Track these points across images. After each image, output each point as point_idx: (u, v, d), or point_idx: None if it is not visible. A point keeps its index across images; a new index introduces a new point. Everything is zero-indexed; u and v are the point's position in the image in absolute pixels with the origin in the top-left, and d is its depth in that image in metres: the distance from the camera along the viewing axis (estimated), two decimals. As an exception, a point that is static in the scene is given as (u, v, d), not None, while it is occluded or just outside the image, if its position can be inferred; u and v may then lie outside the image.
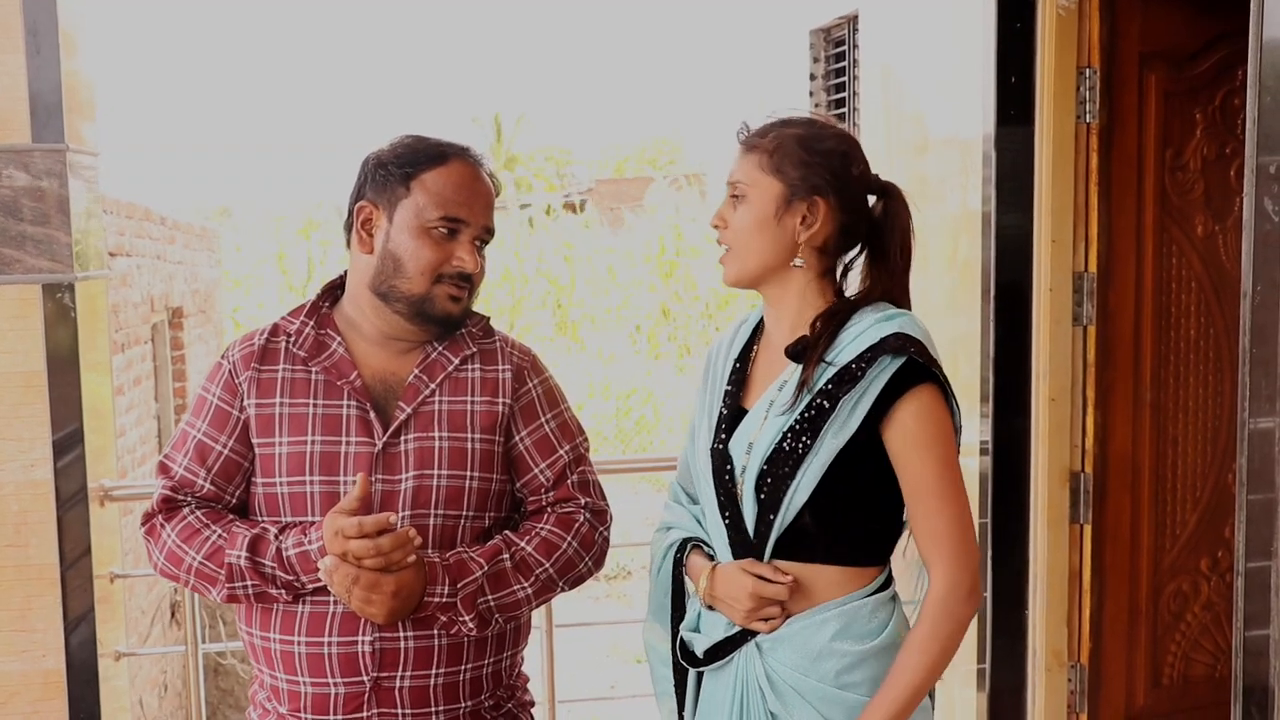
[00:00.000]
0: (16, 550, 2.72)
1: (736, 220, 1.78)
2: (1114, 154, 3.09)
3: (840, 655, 1.72)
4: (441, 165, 1.82)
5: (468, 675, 1.83)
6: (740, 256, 1.79)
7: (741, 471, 1.76)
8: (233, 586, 1.79)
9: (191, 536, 1.82)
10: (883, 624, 1.75)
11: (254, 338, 1.90)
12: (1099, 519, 3.17)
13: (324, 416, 1.82)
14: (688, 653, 1.85)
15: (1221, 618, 3.27)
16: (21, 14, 2.63)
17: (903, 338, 1.70)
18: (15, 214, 2.65)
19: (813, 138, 1.77)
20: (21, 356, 2.69)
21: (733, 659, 1.78)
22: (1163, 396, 3.19)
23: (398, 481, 1.80)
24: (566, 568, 1.86)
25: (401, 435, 1.81)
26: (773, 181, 1.75)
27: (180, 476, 1.87)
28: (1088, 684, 3.20)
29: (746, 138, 1.80)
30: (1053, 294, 3.09)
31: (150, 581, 5.80)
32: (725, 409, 1.83)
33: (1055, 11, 3.02)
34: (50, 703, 2.75)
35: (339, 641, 1.78)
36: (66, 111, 2.67)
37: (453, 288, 1.81)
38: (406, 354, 1.87)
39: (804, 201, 1.75)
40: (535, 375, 1.92)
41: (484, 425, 1.85)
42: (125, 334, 5.60)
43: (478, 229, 1.83)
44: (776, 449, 1.72)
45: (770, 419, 1.75)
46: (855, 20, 4.41)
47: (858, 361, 1.69)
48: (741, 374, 1.86)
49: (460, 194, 1.81)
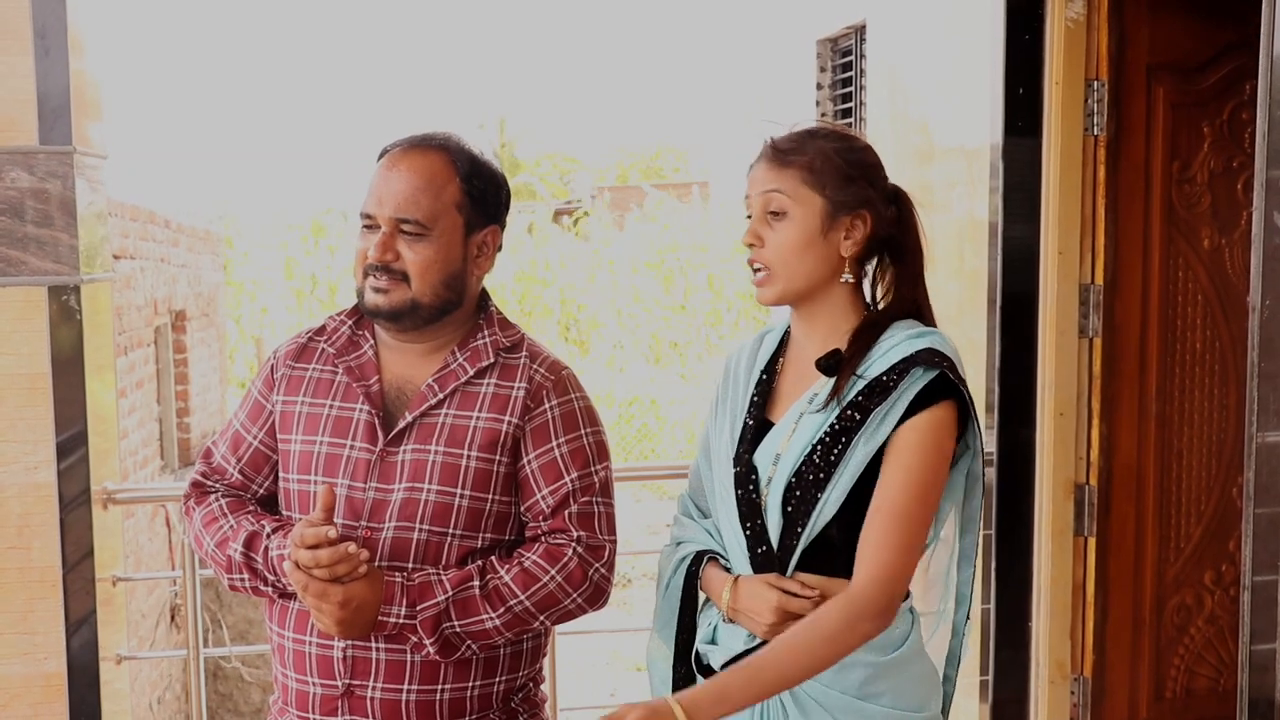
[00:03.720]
0: (19, 552, 2.72)
1: (777, 239, 1.73)
2: (1121, 166, 3.09)
3: (865, 666, 1.70)
4: (380, 159, 1.83)
5: (446, 696, 1.80)
6: (784, 277, 1.74)
7: (767, 483, 1.74)
8: (232, 578, 1.83)
9: (210, 523, 1.86)
10: (904, 635, 1.74)
11: (301, 335, 1.93)
12: (1103, 531, 3.16)
13: (336, 418, 1.82)
14: (702, 665, 1.81)
15: (1225, 631, 3.26)
16: (30, 15, 2.63)
17: (935, 353, 1.69)
18: (20, 216, 2.65)
19: (849, 150, 1.75)
20: (26, 358, 2.68)
21: None
22: (1168, 409, 3.19)
23: (390, 491, 1.78)
24: (547, 602, 1.78)
25: (401, 444, 1.80)
26: (816, 197, 1.72)
27: (216, 463, 1.93)
28: (1090, 696, 3.20)
29: (777, 151, 1.75)
30: (1059, 305, 3.09)
31: (151, 585, 5.79)
32: (750, 420, 1.81)
33: (1064, 23, 3.02)
34: (51, 706, 2.74)
35: (318, 642, 1.79)
36: (74, 113, 2.67)
37: (372, 279, 1.79)
38: (425, 360, 1.85)
39: (848, 216, 1.73)
40: (556, 396, 1.84)
41: (484, 443, 1.79)
42: (128, 337, 5.60)
43: (387, 221, 1.78)
44: (806, 461, 1.71)
45: (799, 431, 1.73)
46: (862, 30, 4.42)
47: (889, 374, 1.68)
48: (767, 386, 1.83)
49: (374, 187, 1.80)
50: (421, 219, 1.77)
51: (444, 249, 1.79)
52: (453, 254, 1.81)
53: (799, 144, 1.74)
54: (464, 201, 1.81)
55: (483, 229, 1.85)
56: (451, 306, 1.82)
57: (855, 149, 1.76)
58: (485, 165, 1.84)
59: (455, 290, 1.82)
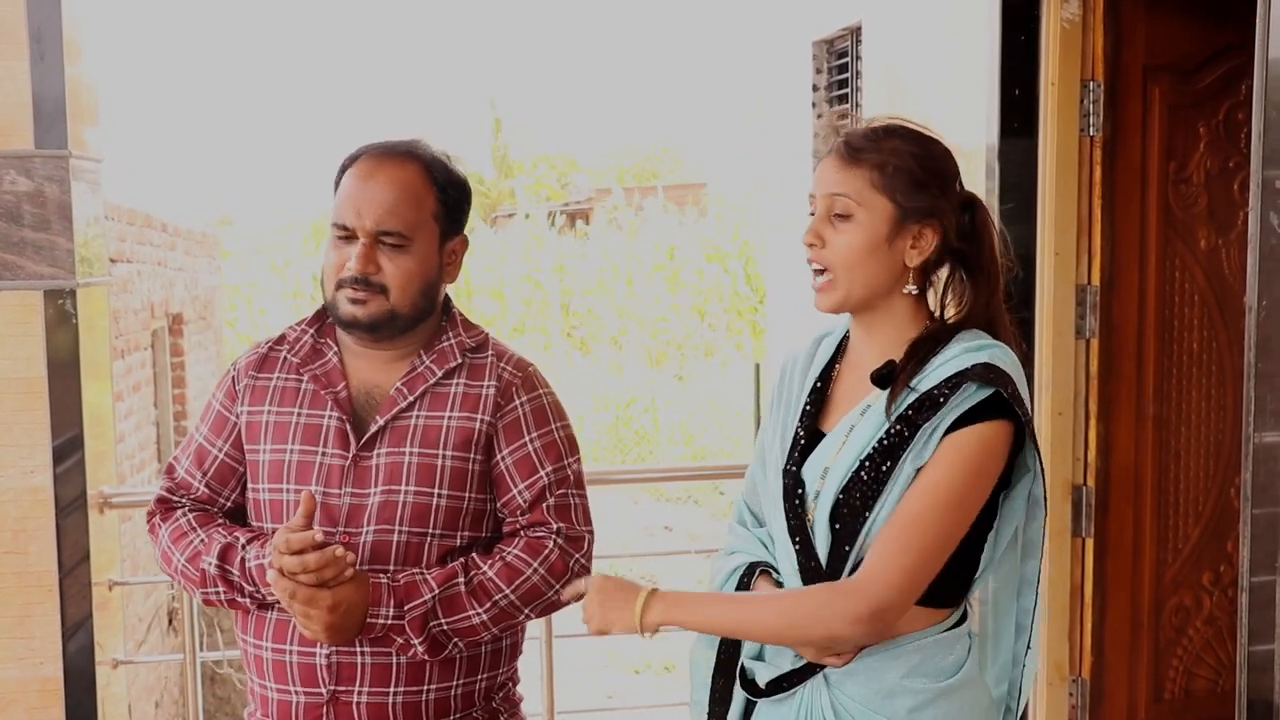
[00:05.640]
0: (15, 557, 2.71)
1: (841, 241, 1.64)
2: (1117, 166, 3.09)
3: (914, 693, 1.63)
4: (351, 166, 1.80)
5: (432, 696, 1.80)
6: (846, 282, 1.64)
7: (815, 497, 1.67)
8: (206, 592, 1.82)
9: (179, 539, 1.85)
10: (959, 661, 1.66)
11: (261, 346, 1.92)
12: (1101, 532, 3.16)
13: (305, 426, 1.82)
14: (747, 681, 1.76)
15: (1224, 632, 3.26)
16: (26, 19, 2.63)
17: (991, 369, 1.58)
18: (17, 219, 2.65)
19: (927, 156, 1.65)
20: (22, 362, 2.68)
21: (797, 692, 1.69)
22: (1165, 409, 3.19)
23: (366, 495, 1.78)
24: (531, 595, 1.79)
25: (374, 449, 1.80)
26: (885, 202, 1.63)
27: (180, 478, 1.91)
28: (1089, 698, 3.19)
29: (849, 148, 1.65)
30: (1055, 306, 3.08)
31: (148, 589, 5.78)
32: (802, 430, 1.72)
33: (1060, 24, 3.02)
34: (48, 710, 2.74)
35: (298, 651, 1.78)
36: (70, 117, 2.67)
37: (350, 290, 1.77)
38: (392, 365, 1.85)
39: (916, 224, 1.63)
40: (525, 393, 1.85)
41: (458, 443, 1.80)
42: (125, 340, 5.60)
43: (367, 233, 1.76)
44: (854, 477, 1.63)
45: (849, 445, 1.65)
46: (858, 31, 4.42)
47: (941, 387, 1.59)
48: (821, 395, 1.74)
49: (350, 195, 1.77)
50: (403, 230, 1.77)
51: (422, 260, 1.80)
52: (430, 264, 1.81)
53: (873, 142, 1.65)
54: (439, 211, 1.82)
55: (455, 237, 1.86)
56: (426, 315, 1.84)
57: (933, 154, 1.66)
58: (456, 174, 1.85)
59: (430, 299, 1.83)
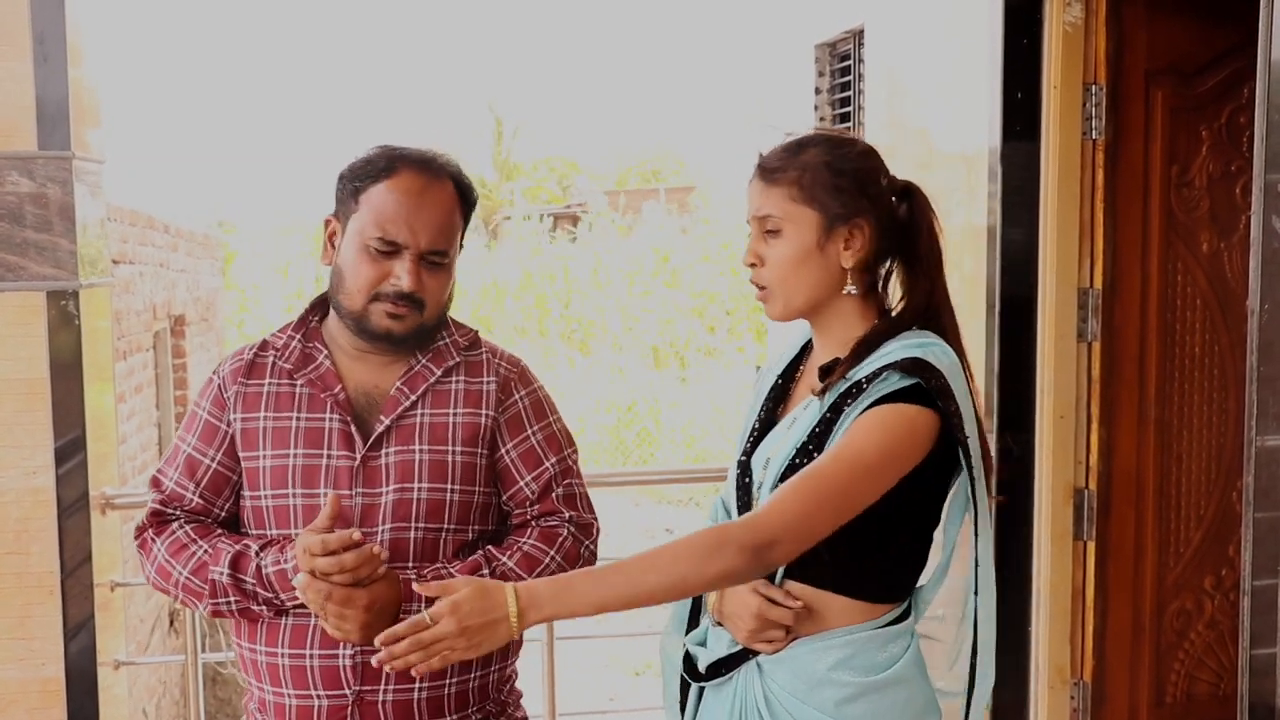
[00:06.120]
0: (17, 557, 2.72)
1: (774, 256, 1.70)
2: (1119, 169, 3.09)
3: (840, 685, 1.67)
4: (389, 179, 1.79)
5: (453, 690, 1.83)
6: (785, 294, 1.71)
7: (759, 487, 1.73)
8: (216, 602, 1.80)
9: (179, 551, 1.83)
10: (893, 658, 1.70)
11: (244, 353, 1.91)
12: (1103, 535, 3.16)
13: (307, 430, 1.82)
14: (691, 666, 1.83)
15: (1225, 636, 3.26)
16: (29, 21, 2.63)
17: (919, 362, 1.62)
18: (19, 221, 2.65)
19: (841, 159, 1.70)
20: (24, 363, 2.68)
21: (733, 677, 1.76)
22: (1167, 413, 3.19)
23: (378, 495, 1.79)
24: None
25: (382, 448, 1.81)
26: (808, 212, 1.68)
27: (170, 490, 1.89)
28: (1090, 701, 3.19)
29: (764, 170, 1.72)
30: (1057, 309, 3.08)
31: (149, 590, 5.78)
32: (758, 423, 1.81)
33: (1062, 27, 3.02)
34: (49, 711, 2.74)
35: (320, 654, 1.79)
36: (73, 119, 2.67)
37: (390, 305, 1.78)
38: (389, 366, 1.86)
39: (844, 226, 1.69)
40: (523, 387, 1.91)
41: (466, 438, 1.83)
42: (127, 341, 5.60)
43: (418, 252, 1.78)
44: (790, 464, 1.68)
45: (790, 435, 1.71)
46: (860, 34, 4.42)
47: (869, 377, 1.64)
48: (783, 390, 1.83)
49: (401, 212, 1.77)
50: (448, 249, 1.83)
51: (451, 276, 1.86)
52: (453, 278, 1.88)
53: (785, 160, 1.70)
54: (463, 229, 1.89)
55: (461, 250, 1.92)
56: (443, 326, 1.89)
57: (846, 156, 1.70)
58: (474, 193, 1.91)
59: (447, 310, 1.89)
